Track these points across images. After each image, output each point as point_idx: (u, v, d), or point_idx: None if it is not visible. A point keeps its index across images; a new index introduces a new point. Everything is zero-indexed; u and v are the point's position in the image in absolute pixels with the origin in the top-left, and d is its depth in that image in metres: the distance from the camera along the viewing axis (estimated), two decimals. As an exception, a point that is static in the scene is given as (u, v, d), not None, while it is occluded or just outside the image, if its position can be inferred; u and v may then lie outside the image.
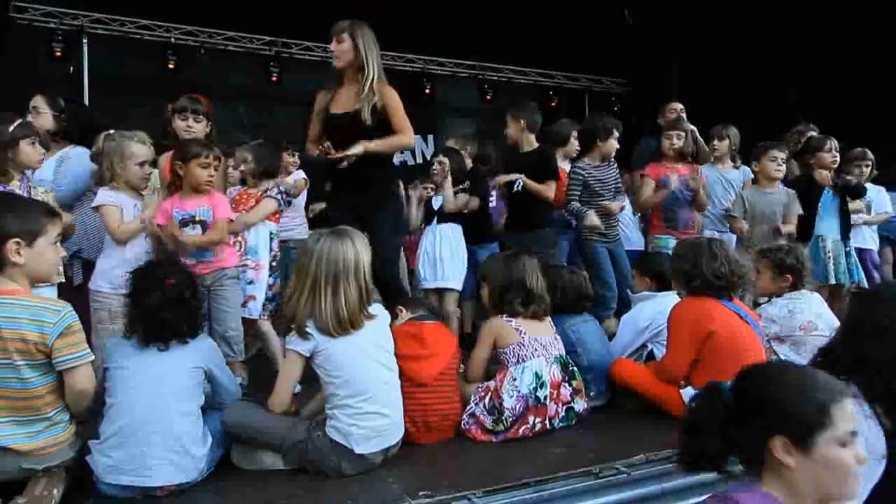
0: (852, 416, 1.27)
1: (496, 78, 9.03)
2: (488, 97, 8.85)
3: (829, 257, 4.03)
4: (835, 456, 1.24)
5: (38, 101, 3.44)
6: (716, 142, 4.53)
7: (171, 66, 7.26)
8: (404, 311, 2.76)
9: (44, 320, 1.90)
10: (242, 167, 3.53)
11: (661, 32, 7.86)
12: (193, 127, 3.26)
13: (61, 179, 3.23)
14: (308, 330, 2.21)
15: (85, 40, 6.98)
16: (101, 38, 7.12)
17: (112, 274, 2.81)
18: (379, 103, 3.10)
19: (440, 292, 4.03)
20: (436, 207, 4.17)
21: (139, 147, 2.94)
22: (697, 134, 4.43)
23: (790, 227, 3.94)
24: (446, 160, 4.12)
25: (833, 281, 4.02)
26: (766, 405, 1.31)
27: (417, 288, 4.18)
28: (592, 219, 3.82)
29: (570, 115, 9.24)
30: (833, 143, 4.28)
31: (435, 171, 4.16)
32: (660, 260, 3.29)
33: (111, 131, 3.10)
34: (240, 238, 3.27)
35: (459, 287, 4.04)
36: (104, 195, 2.89)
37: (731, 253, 2.75)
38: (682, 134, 4.22)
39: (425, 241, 4.12)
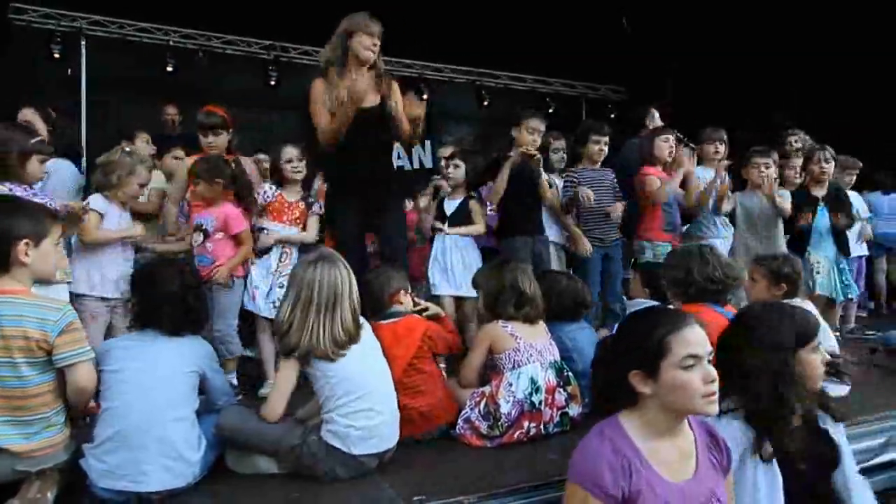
0: (690, 342, 1.49)
1: (493, 84, 9.08)
2: (485, 103, 8.89)
3: (814, 271, 4.15)
4: (677, 378, 1.48)
5: (30, 115, 3.48)
6: (718, 144, 4.55)
7: (169, 69, 7.28)
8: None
9: (46, 318, 1.92)
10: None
11: (658, 40, 7.91)
12: (213, 141, 3.51)
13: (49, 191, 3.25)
14: (311, 360, 2.20)
15: (83, 42, 6.99)
16: (99, 41, 7.13)
17: (90, 276, 3.09)
18: (393, 96, 3.19)
19: (457, 300, 3.94)
20: (448, 213, 4.01)
21: (144, 171, 3.32)
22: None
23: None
24: (462, 163, 4.04)
25: (818, 292, 4.13)
26: (624, 345, 1.58)
27: (427, 294, 4.01)
28: (584, 191, 3.90)
29: (567, 122, 9.34)
30: (822, 154, 4.29)
31: (450, 175, 4.04)
32: (657, 273, 3.26)
33: (128, 148, 3.45)
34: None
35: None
36: (95, 201, 3.17)
37: (722, 257, 2.76)
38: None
39: (438, 247, 3.98)
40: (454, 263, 3.90)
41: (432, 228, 4.03)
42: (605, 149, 4.14)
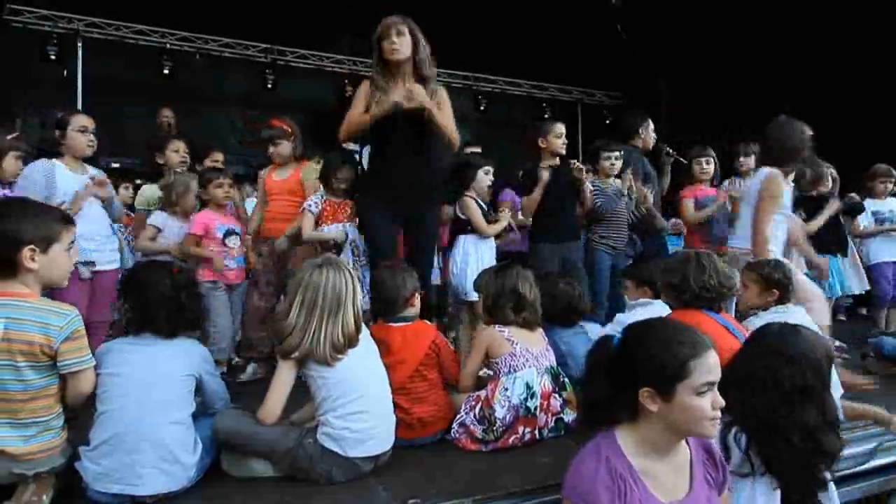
0: (710, 368, 1.48)
1: (490, 89, 9.11)
2: (482, 107, 8.93)
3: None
4: (691, 403, 1.46)
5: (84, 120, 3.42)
6: (742, 158, 4.74)
7: (165, 72, 7.28)
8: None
9: (50, 323, 1.91)
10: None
11: (653, 46, 7.96)
12: (273, 151, 3.83)
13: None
14: (308, 363, 2.22)
15: (80, 44, 6.99)
16: (96, 43, 7.13)
17: None
18: (440, 105, 3.18)
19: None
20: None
21: (196, 184, 3.77)
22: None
23: None
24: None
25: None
26: (637, 359, 1.52)
27: (456, 300, 4.02)
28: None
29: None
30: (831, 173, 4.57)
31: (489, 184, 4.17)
32: (652, 268, 3.28)
33: (178, 170, 3.98)
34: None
35: None
36: (157, 217, 3.73)
37: (719, 265, 2.78)
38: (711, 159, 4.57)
39: (463, 250, 3.97)
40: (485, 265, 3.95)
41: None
42: (616, 163, 4.35)
